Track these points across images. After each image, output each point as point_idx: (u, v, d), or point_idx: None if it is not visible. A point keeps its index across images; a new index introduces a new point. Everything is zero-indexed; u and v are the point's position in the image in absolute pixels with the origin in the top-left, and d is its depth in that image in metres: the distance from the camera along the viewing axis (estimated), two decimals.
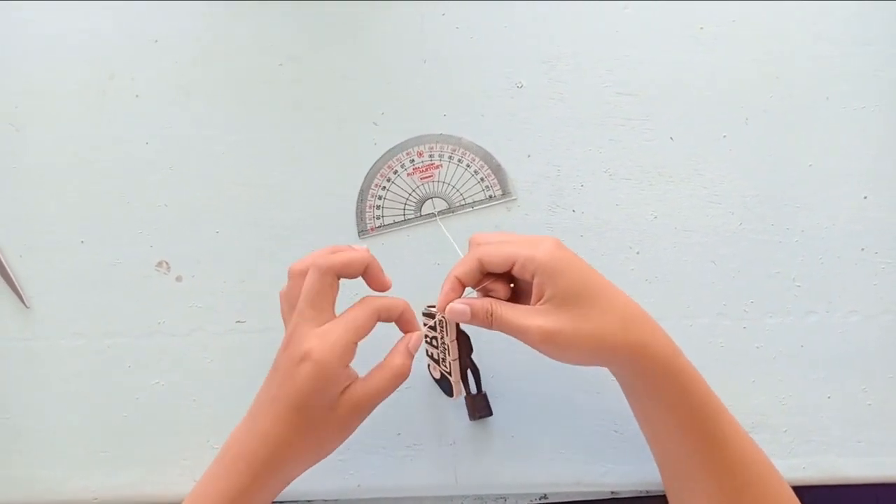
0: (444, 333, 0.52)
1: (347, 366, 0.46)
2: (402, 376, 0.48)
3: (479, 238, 0.49)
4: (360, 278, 0.50)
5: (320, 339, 0.45)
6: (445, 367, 0.53)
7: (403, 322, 0.49)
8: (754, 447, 0.48)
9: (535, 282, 0.46)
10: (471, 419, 0.56)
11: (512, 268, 0.47)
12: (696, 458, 0.47)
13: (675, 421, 0.47)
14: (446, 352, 0.52)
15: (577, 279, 0.45)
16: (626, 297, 0.47)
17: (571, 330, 0.45)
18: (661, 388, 0.47)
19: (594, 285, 0.46)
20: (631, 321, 0.46)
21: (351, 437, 0.50)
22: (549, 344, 0.46)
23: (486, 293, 0.49)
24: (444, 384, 0.54)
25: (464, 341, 0.53)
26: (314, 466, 0.54)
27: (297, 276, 0.48)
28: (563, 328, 0.45)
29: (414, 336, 0.49)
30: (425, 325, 0.53)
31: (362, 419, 0.48)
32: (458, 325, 0.52)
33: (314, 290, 0.46)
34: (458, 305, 0.48)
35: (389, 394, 0.48)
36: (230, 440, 0.48)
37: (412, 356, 0.49)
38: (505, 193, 0.60)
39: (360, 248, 0.49)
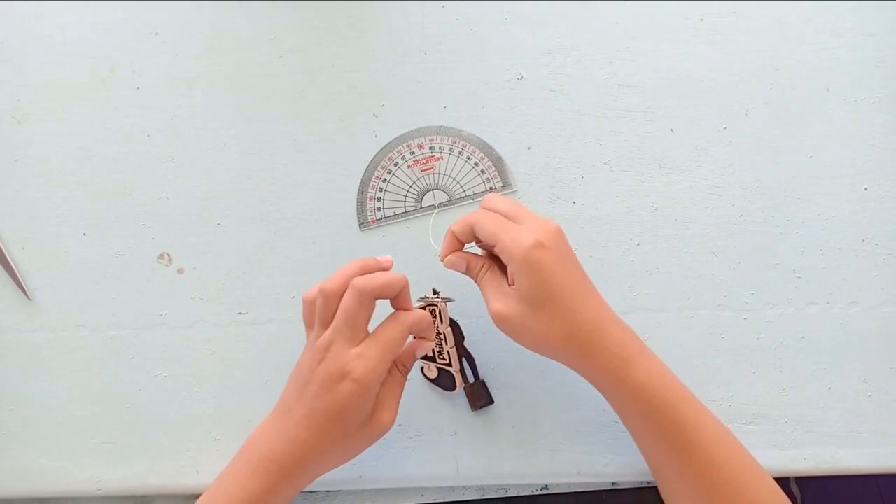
0: (439, 322, 0.53)
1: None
2: (406, 373, 0.51)
3: (489, 201, 0.51)
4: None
5: (360, 360, 0.46)
6: (443, 358, 0.53)
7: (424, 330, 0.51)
8: (727, 446, 0.47)
9: (509, 269, 0.48)
10: (473, 410, 0.56)
11: (495, 246, 0.48)
12: (664, 461, 0.48)
13: (637, 426, 0.49)
14: (443, 341, 0.53)
15: (539, 283, 0.47)
16: (587, 305, 0.48)
17: (520, 323, 0.48)
18: (613, 396, 0.49)
19: (555, 292, 0.47)
20: (577, 330, 0.47)
21: None
22: (501, 326, 0.49)
23: (486, 249, 0.52)
24: (442, 380, 0.55)
25: (455, 329, 0.54)
26: None
27: (333, 297, 0.48)
28: (513, 318, 0.48)
29: (425, 343, 0.51)
30: None
31: (393, 421, 0.50)
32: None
33: (353, 311, 0.47)
34: (455, 258, 0.51)
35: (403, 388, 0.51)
36: (256, 441, 0.49)
37: (416, 359, 0.51)
38: (505, 185, 0.60)
39: (385, 260, 0.50)
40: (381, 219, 0.59)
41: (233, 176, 0.60)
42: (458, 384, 0.54)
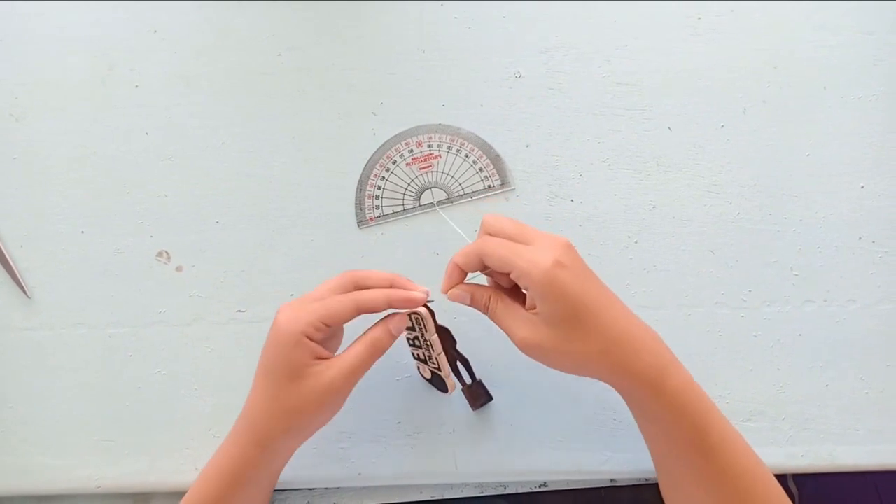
0: (424, 330, 0.51)
1: (308, 339, 0.47)
2: (378, 348, 0.49)
3: (490, 224, 0.48)
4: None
5: (288, 309, 0.48)
6: (433, 363, 0.53)
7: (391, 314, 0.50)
8: (746, 456, 0.47)
9: (528, 294, 0.47)
10: (473, 409, 0.56)
11: (510, 272, 0.46)
12: (684, 468, 0.48)
13: (662, 432, 0.48)
14: (430, 348, 0.52)
15: (566, 305, 0.45)
16: (616, 318, 0.47)
17: (552, 347, 0.46)
18: (645, 404, 0.48)
19: (584, 309, 0.45)
20: (613, 345, 0.46)
21: (351, 426, 0.50)
22: (531, 353, 0.47)
23: (493, 276, 0.50)
24: (437, 381, 0.55)
25: (444, 335, 0.53)
26: (315, 454, 0.55)
27: (348, 284, 0.49)
28: (544, 343, 0.46)
29: (396, 316, 0.49)
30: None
31: (341, 396, 0.48)
32: (434, 319, 0.51)
33: (336, 309, 0.47)
34: (458, 291, 0.49)
35: (366, 367, 0.48)
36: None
37: (392, 335, 0.49)
38: (504, 184, 0.60)
39: (421, 291, 0.50)
40: (379, 217, 0.60)
41: (231, 174, 0.60)
42: (450, 388, 0.53)
